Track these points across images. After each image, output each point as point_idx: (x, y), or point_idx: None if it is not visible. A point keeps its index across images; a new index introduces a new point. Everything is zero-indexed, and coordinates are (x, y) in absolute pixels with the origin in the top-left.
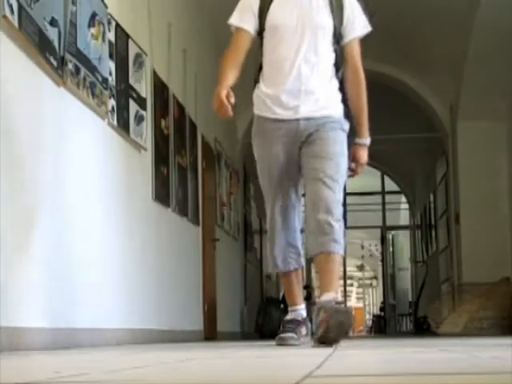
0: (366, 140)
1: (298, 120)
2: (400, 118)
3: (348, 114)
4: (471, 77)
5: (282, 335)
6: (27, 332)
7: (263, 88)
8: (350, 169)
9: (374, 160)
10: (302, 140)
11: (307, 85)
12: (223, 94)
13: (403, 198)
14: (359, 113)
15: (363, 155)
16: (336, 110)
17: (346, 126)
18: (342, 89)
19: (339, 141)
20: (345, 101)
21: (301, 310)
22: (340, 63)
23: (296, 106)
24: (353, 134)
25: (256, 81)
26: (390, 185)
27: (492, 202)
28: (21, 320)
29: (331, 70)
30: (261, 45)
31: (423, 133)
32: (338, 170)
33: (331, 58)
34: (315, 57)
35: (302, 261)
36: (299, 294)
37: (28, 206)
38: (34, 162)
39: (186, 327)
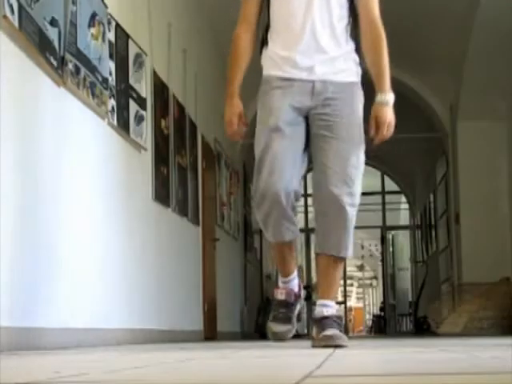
0: (388, 95)
1: (313, 81)
2: (400, 118)
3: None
4: (471, 77)
5: (277, 330)
6: (26, 332)
7: (274, 49)
8: (372, 134)
9: (374, 160)
10: (317, 104)
11: (320, 43)
12: (235, 121)
13: (403, 198)
14: (378, 59)
15: (384, 114)
16: (354, 74)
17: (362, 93)
18: (358, 52)
19: (358, 117)
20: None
21: (293, 280)
22: (354, 25)
23: (311, 67)
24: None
25: (264, 42)
26: (390, 185)
27: (492, 201)
28: (21, 320)
29: (345, 29)
30: (267, 2)
31: (423, 133)
32: (358, 155)
33: (345, 15)
34: (327, 13)
35: (298, 231)
36: (291, 261)
37: (28, 206)
38: (34, 161)
39: (186, 327)
